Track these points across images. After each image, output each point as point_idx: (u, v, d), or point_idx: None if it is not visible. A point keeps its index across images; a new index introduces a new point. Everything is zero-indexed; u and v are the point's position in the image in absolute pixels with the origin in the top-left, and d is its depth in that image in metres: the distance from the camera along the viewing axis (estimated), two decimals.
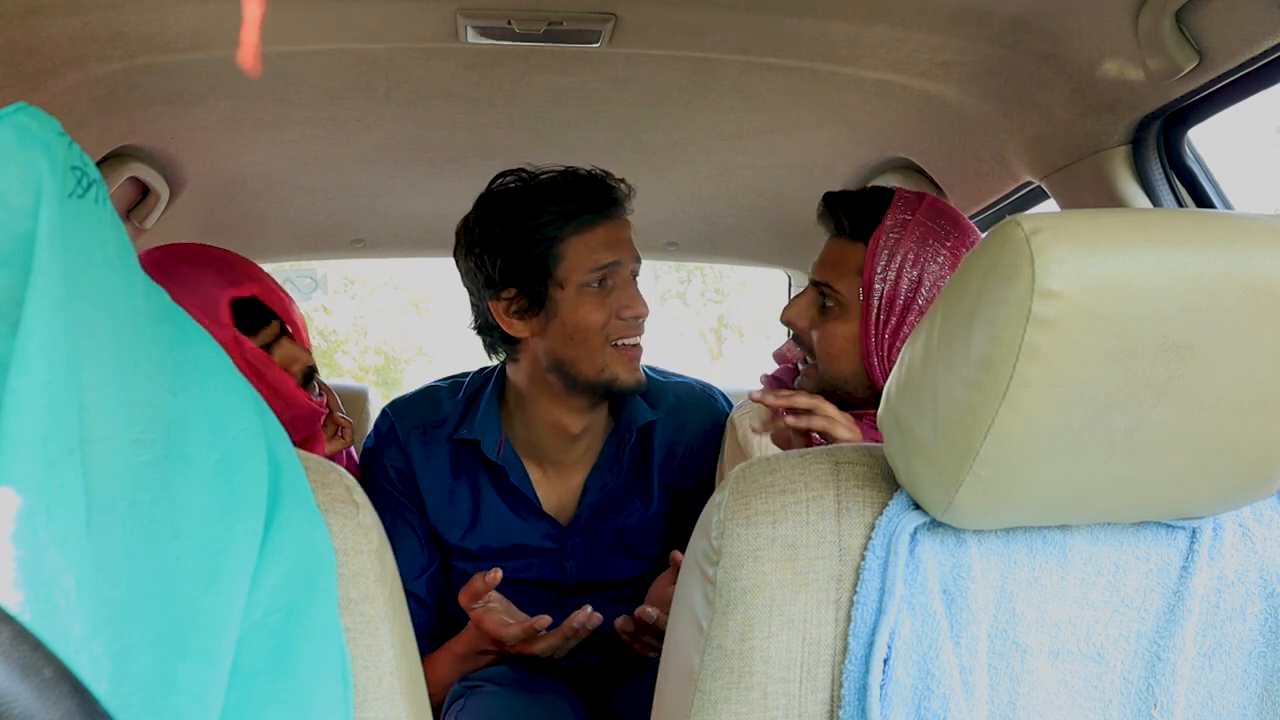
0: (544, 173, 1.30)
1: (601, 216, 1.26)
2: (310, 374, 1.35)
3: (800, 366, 1.28)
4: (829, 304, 1.23)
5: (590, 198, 1.26)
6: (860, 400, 1.24)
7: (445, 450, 1.36)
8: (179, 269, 1.25)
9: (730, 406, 1.47)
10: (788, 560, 0.72)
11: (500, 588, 1.26)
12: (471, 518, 1.35)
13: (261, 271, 1.33)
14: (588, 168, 1.31)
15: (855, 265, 1.20)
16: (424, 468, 1.35)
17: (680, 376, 1.49)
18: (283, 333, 1.32)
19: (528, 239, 1.24)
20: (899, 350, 1.18)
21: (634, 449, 1.37)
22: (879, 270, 1.18)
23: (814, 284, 1.25)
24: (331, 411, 1.39)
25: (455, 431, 1.36)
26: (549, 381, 1.30)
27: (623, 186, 1.31)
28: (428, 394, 1.43)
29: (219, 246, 1.33)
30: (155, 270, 1.24)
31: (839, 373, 1.22)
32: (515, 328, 1.29)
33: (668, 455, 1.39)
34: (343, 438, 1.40)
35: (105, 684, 0.50)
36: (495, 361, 1.39)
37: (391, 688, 0.70)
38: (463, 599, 1.20)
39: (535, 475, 1.37)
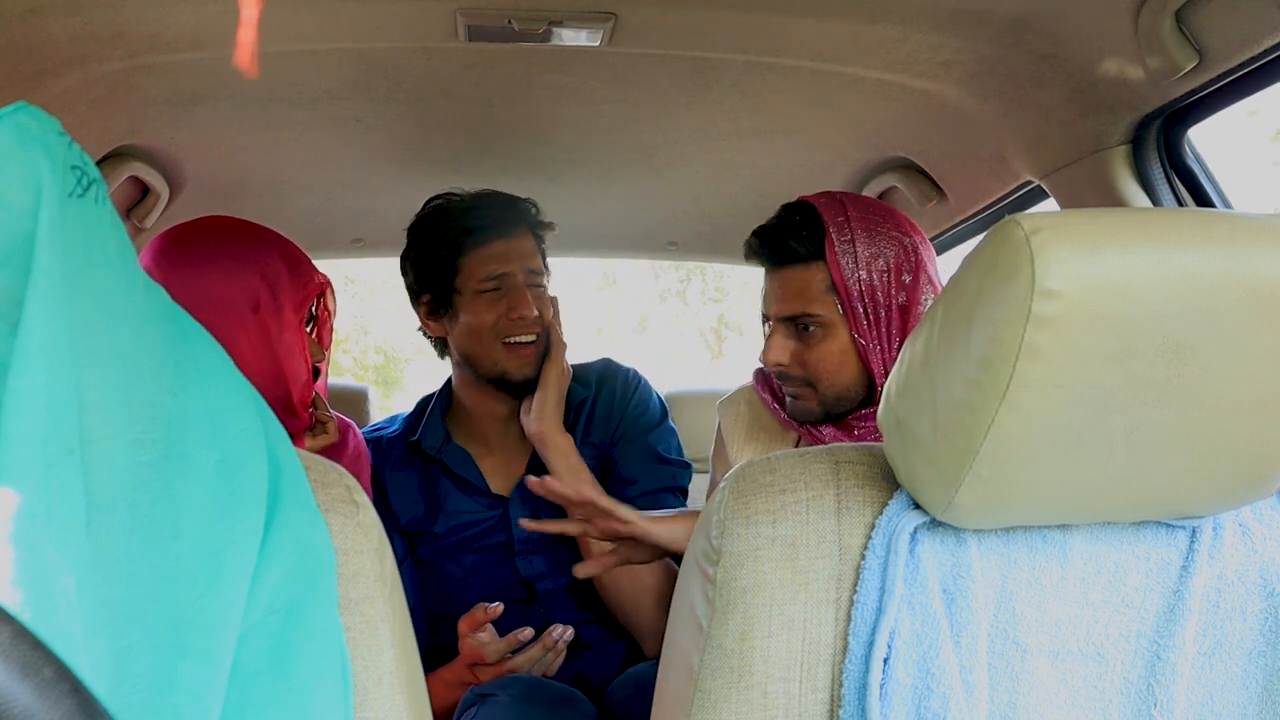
0: (464, 196, 1.49)
1: (495, 235, 1.44)
2: (316, 373, 1.36)
3: (789, 397, 1.30)
4: (810, 329, 1.24)
5: (488, 218, 1.45)
6: (860, 403, 1.26)
7: (399, 453, 1.54)
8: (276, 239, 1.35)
9: (630, 373, 1.60)
10: (788, 560, 0.72)
11: (460, 556, 1.46)
12: (429, 506, 1.50)
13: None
14: (500, 192, 1.50)
15: (823, 284, 1.22)
16: (385, 471, 1.52)
17: (592, 362, 1.64)
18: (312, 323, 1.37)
19: (435, 252, 1.46)
20: (897, 340, 1.21)
21: (570, 425, 1.51)
22: (849, 277, 1.20)
23: (784, 320, 1.26)
24: (316, 410, 1.39)
25: (404, 435, 1.55)
26: (466, 374, 1.50)
27: (526, 207, 1.49)
28: (389, 418, 1.64)
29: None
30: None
31: (842, 385, 1.25)
32: (432, 327, 1.51)
33: (593, 418, 1.54)
34: (326, 432, 1.40)
35: (105, 684, 0.50)
36: (444, 360, 1.59)
37: (391, 687, 0.70)
38: (462, 626, 1.30)
39: (484, 461, 1.53)
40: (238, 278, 1.25)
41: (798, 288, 1.24)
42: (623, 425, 1.53)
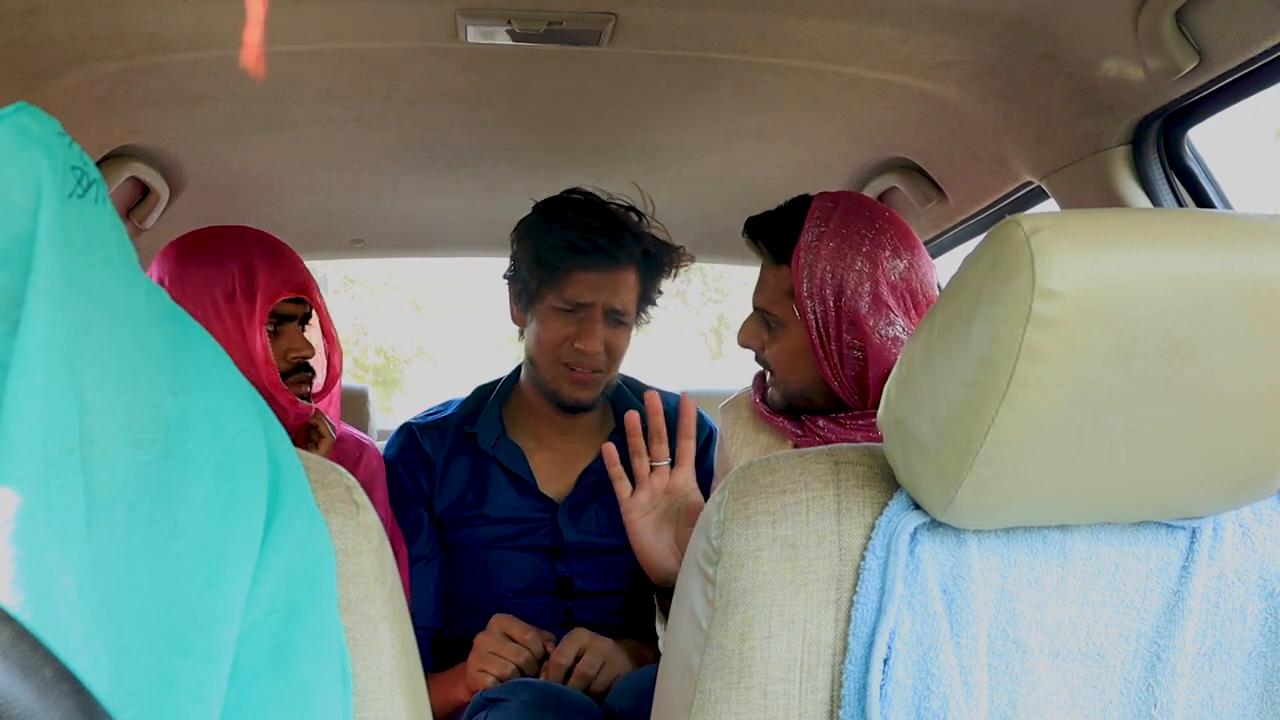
0: (600, 201, 1.45)
1: (593, 263, 1.39)
2: (300, 368, 1.38)
3: (768, 379, 1.36)
4: (772, 325, 1.29)
5: (592, 243, 1.39)
6: (822, 406, 1.29)
7: (452, 441, 1.52)
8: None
9: (709, 421, 1.59)
10: (788, 560, 0.72)
11: (497, 551, 1.46)
12: (476, 496, 1.50)
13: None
14: (632, 210, 1.46)
15: (785, 288, 1.26)
16: (438, 458, 1.51)
17: (673, 393, 1.61)
18: (299, 320, 1.38)
19: (539, 250, 1.41)
20: (850, 356, 1.23)
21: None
22: (805, 290, 1.22)
23: (755, 308, 1.32)
24: (318, 424, 1.40)
25: (460, 425, 1.54)
26: (531, 371, 1.50)
27: (638, 238, 1.43)
28: (443, 403, 1.62)
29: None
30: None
31: (796, 383, 1.29)
32: (514, 313, 1.51)
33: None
34: (317, 446, 1.41)
35: (105, 684, 0.50)
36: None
37: (391, 688, 0.70)
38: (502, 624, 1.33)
39: (536, 457, 1.52)
40: (215, 264, 1.31)
41: (768, 283, 1.29)
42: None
